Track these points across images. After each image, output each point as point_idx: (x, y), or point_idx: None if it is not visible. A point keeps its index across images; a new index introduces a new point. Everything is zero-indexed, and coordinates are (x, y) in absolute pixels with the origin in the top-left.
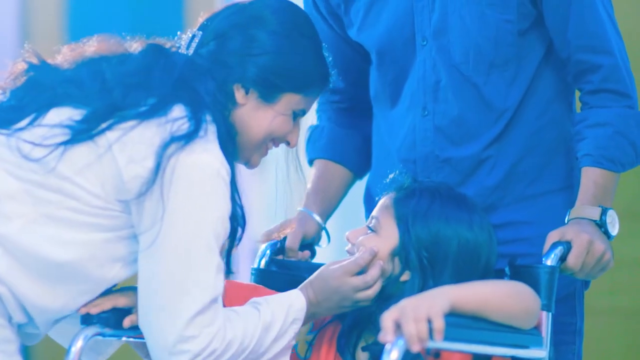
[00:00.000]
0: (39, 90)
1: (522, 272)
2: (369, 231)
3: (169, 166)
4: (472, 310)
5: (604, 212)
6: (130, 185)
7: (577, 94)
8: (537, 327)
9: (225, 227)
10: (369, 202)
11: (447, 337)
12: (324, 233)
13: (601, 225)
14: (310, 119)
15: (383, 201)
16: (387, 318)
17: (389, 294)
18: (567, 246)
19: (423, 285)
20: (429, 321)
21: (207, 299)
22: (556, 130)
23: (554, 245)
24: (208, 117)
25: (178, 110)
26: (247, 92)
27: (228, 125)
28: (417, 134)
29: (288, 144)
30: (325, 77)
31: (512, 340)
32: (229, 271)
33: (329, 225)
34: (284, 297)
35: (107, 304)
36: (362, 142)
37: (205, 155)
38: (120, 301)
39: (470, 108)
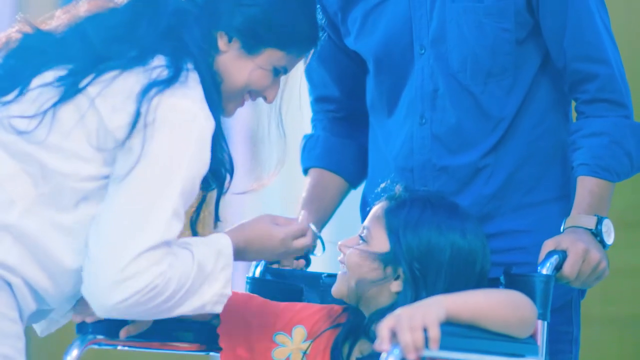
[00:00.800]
0: (29, 57)
1: (518, 280)
2: (361, 241)
3: (151, 108)
4: (468, 319)
5: (599, 221)
6: (116, 134)
7: (573, 103)
8: (533, 336)
9: (198, 172)
10: (365, 211)
11: (443, 346)
12: (318, 242)
13: (597, 234)
14: (306, 127)
15: (374, 211)
16: (383, 327)
17: (382, 305)
18: (563, 255)
19: (416, 296)
20: (425, 330)
21: (157, 239)
22: (553, 139)
23: (550, 254)
24: (189, 65)
25: (158, 60)
26: (229, 40)
27: (212, 73)
28: (414, 142)
29: (265, 99)
30: (313, 38)
31: (508, 349)
32: (217, 219)
33: (324, 233)
34: (213, 241)
35: None
36: (357, 151)
37: (185, 101)
38: None
39: (468, 116)
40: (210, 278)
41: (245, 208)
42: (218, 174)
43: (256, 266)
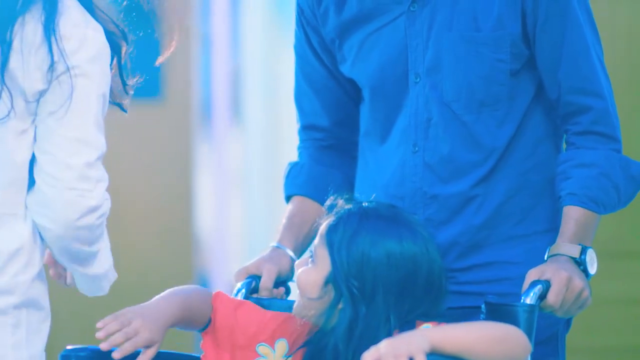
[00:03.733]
0: None
1: (501, 310)
2: (310, 261)
3: (54, 47)
4: (452, 352)
5: (583, 251)
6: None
7: None
8: None
9: (107, 84)
10: None
11: None
12: None
13: (580, 263)
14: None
15: (320, 229)
16: (367, 358)
17: (330, 325)
18: (547, 285)
19: (356, 313)
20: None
21: (97, 154)
22: (544, 171)
23: (533, 284)
24: None
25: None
26: None
27: None
28: (406, 170)
29: None
30: None
31: None
32: (125, 92)
33: None
34: None
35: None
36: (342, 181)
37: (77, 29)
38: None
39: (460, 146)
40: None
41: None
42: (112, 44)
43: (236, 295)
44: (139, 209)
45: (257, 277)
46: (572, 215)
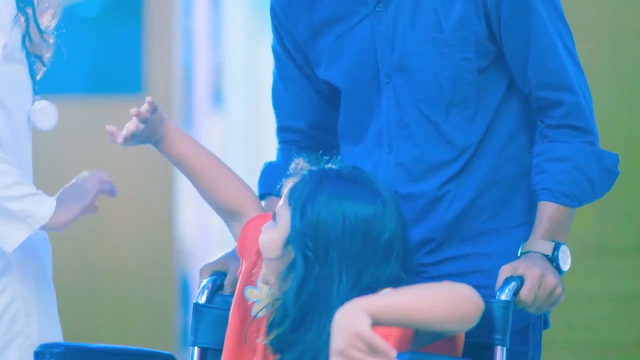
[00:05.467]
0: None
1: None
2: (273, 223)
3: None
4: (396, 320)
5: (556, 247)
6: None
7: None
8: None
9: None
10: None
11: None
12: None
13: (553, 260)
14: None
15: (284, 189)
16: None
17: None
18: (521, 281)
19: (309, 273)
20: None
21: None
22: (518, 165)
23: (508, 280)
24: None
25: None
26: None
27: None
28: (380, 170)
29: None
30: None
31: None
32: (44, 40)
33: None
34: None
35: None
36: None
37: None
38: None
39: (431, 146)
40: None
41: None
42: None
43: (202, 293)
44: (119, 208)
45: (222, 274)
46: (546, 211)
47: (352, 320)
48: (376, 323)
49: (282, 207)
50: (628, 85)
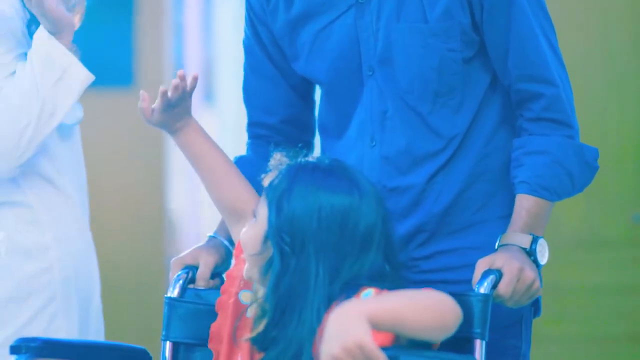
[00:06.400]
0: None
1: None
2: (253, 220)
3: None
4: (391, 326)
5: (534, 241)
6: None
7: None
8: (473, 354)
9: None
10: None
11: None
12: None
13: (530, 253)
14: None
15: (263, 184)
16: None
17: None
18: (499, 274)
19: (285, 267)
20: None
21: None
22: (503, 157)
23: (486, 274)
24: None
25: None
26: None
27: None
28: (364, 164)
29: None
30: None
31: None
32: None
33: None
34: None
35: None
36: None
37: None
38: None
39: (417, 137)
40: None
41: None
42: None
43: (174, 286)
44: (111, 198)
45: (193, 268)
46: (524, 204)
47: (353, 328)
48: (372, 326)
49: (261, 202)
50: (619, 77)
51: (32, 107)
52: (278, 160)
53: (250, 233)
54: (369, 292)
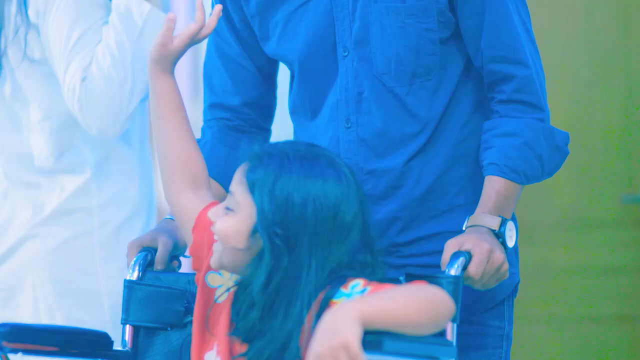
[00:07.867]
0: None
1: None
2: (227, 211)
3: None
4: (383, 326)
5: (503, 223)
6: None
7: None
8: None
9: None
10: None
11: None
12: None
13: (499, 235)
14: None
15: (236, 174)
16: None
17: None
18: (469, 255)
19: (277, 262)
20: None
21: None
22: (479, 140)
23: (456, 255)
24: None
25: None
26: None
27: None
28: (340, 146)
29: None
30: None
31: (424, 351)
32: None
33: None
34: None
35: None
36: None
37: None
38: None
39: (394, 119)
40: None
41: None
42: None
43: (133, 269)
44: None
45: (152, 249)
46: (493, 185)
47: (343, 328)
48: (365, 328)
49: (240, 193)
50: (605, 58)
51: (126, 61)
52: (247, 149)
53: (232, 225)
54: (358, 283)
